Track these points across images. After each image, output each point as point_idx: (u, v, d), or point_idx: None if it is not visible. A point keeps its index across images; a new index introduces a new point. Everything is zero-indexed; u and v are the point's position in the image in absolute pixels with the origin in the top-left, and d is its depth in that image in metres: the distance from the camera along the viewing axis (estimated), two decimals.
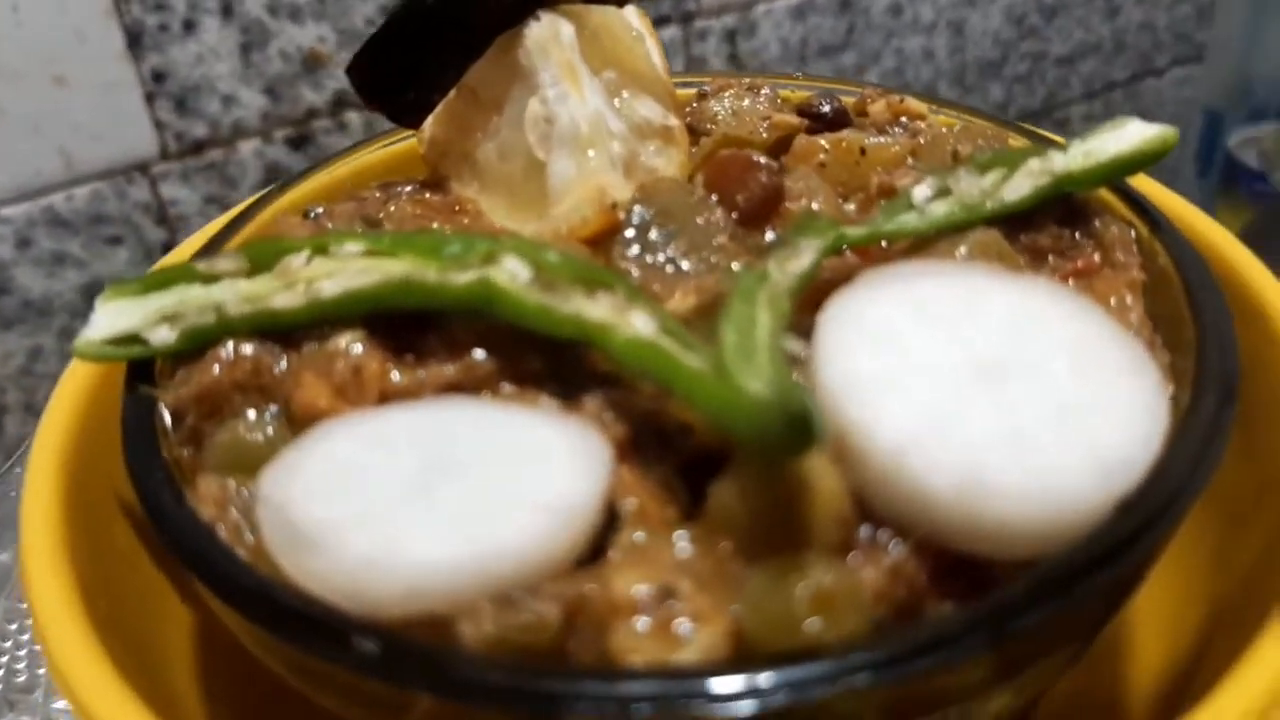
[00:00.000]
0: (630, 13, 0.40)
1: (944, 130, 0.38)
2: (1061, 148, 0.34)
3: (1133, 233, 0.34)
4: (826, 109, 0.40)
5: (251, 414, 0.28)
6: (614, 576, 0.23)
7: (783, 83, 0.43)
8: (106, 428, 0.32)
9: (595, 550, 0.25)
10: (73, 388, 0.34)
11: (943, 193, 0.33)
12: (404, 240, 0.29)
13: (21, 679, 0.41)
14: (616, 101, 0.38)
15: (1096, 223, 0.34)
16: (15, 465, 0.48)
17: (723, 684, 0.21)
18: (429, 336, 0.29)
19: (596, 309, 0.28)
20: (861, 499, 0.25)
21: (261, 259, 0.30)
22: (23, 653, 0.42)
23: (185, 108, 0.89)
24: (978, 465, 0.23)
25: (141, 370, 0.30)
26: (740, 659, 0.22)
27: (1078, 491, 0.23)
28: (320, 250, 0.29)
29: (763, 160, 0.35)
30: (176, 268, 0.30)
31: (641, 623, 0.22)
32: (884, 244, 0.33)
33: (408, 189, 0.38)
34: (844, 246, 0.32)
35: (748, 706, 0.21)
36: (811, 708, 0.21)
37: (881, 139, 0.37)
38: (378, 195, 0.38)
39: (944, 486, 0.23)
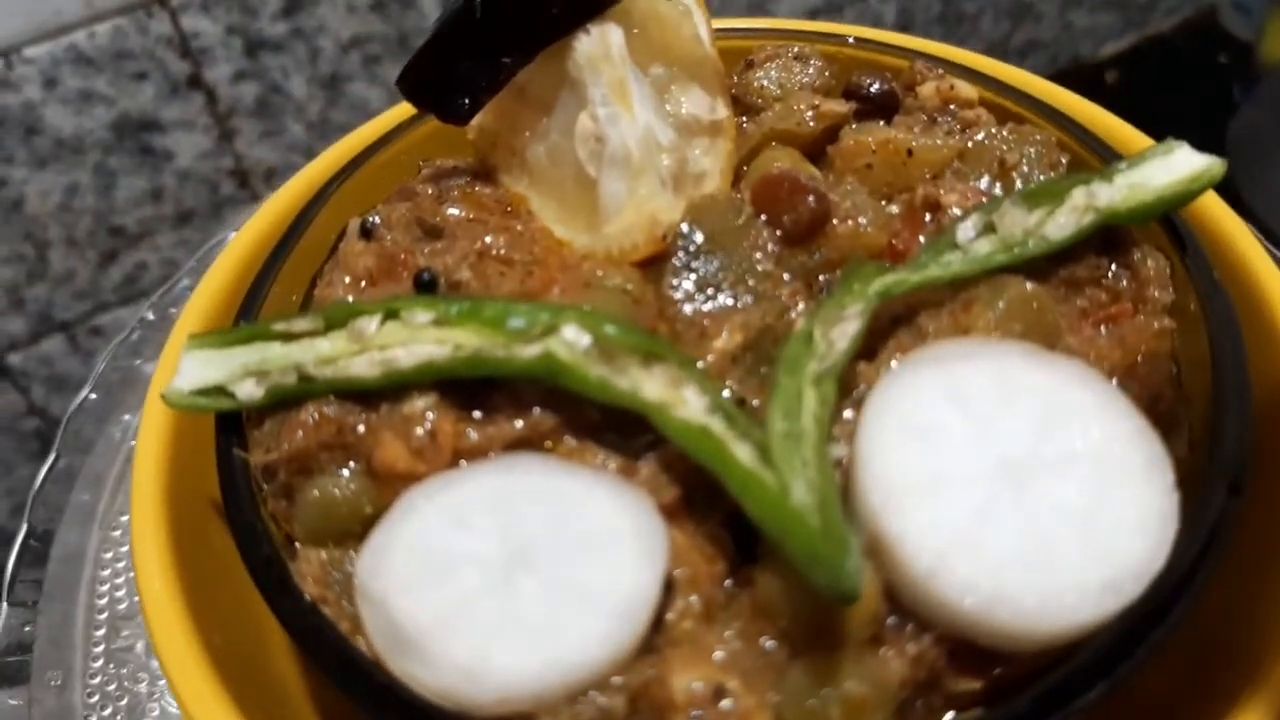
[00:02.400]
0: None
1: (994, 132, 0.38)
2: (1107, 177, 0.34)
3: (1169, 268, 0.34)
4: (875, 90, 0.40)
5: (337, 473, 0.31)
6: (671, 671, 0.27)
7: (829, 49, 0.43)
8: (198, 440, 0.35)
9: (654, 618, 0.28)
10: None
11: (987, 229, 0.34)
12: (470, 311, 0.31)
13: (123, 606, 0.46)
14: (666, 100, 0.38)
15: (1135, 254, 0.34)
16: (92, 392, 0.51)
17: None
18: (494, 394, 0.32)
19: (652, 384, 0.30)
20: (890, 591, 0.28)
21: (335, 318, 0.31)
22: (120, 580, 0.47)
23: None
24: (1000, 586, 0.26)
25: (229, 419, 0.32)
26: None
27: (1088, 608, 0.26)
28: (391, 315, 0.31)
29: (811, 183, 0.35)
30: (256, 327, 0.32)
31: None
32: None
33: (458, 181, 0.39)
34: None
35: None
36: None
37: (928, 140, 0.37)
38: (430, 191, 0.38)
39: (969, 604, 0.26)
